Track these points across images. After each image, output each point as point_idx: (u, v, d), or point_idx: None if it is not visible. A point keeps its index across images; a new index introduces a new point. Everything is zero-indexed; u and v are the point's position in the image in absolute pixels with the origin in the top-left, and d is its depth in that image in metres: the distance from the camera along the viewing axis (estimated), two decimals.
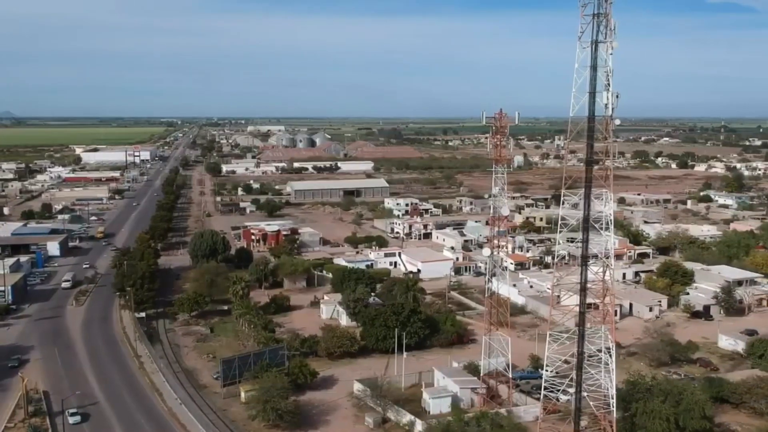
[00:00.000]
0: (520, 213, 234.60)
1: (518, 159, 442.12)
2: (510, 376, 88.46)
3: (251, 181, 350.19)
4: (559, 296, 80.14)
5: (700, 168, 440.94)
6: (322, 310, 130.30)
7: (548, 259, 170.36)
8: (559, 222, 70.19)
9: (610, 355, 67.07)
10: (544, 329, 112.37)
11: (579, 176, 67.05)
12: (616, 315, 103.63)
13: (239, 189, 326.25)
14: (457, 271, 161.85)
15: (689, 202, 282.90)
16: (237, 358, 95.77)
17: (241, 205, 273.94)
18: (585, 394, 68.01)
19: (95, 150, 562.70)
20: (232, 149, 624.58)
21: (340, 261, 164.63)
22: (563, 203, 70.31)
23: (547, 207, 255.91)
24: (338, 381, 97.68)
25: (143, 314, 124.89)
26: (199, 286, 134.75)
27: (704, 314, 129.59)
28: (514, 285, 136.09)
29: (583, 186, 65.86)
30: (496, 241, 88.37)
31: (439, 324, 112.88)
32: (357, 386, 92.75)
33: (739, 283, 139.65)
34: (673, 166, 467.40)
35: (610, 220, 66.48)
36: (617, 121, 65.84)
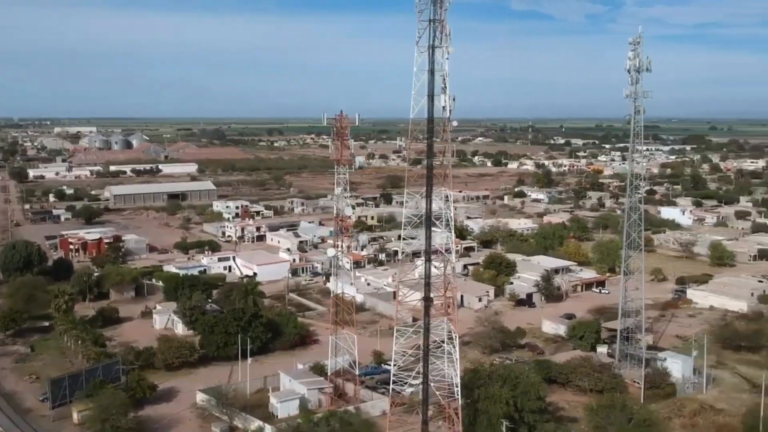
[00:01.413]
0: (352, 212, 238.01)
1: (360, 160, 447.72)
2: (357, 373, 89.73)
3: (64, 187, 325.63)
4: (395, 293, 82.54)
5: (513, 166, 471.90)
6: (155, 320, 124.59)
7: (382, 256, 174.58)
8: (403, 220, 72.15)
9: (454, 345, 70.00)
10: (385, 325, 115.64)
11: (418, 176, 69.43)
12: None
13: (51, 195, 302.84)
14: (294, 272, 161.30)
15: (506, 197, 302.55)
16: (67, 377, 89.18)
17: (55, 212, 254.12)
18: (431, 384, 70.45)
19: None
20: (38, 152, 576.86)
21: (170, 268, 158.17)
22: (406, 202, 72.49)
23: (377, 206, 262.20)
24: (180, 392, 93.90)
25: None
26: (14, 302, 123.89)
27: (527, 302, 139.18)
28: (352, 283, 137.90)
29: (417, 185, 68.28)
30: (340, 241, 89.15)
31: (281, 327, 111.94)
32: (200, 396, 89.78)
33: (556, 271, 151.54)
34: (489, 164, 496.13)
35: (451, 217, 69.45)
36: (455, 123, 69.03)
